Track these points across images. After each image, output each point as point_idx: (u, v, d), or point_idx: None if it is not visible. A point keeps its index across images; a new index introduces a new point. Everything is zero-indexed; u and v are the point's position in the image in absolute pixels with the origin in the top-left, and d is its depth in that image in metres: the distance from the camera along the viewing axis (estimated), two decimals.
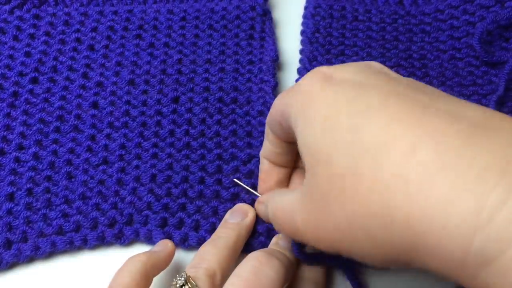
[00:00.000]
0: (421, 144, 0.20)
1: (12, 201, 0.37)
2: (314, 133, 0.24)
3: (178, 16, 0.46)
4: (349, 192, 0.22)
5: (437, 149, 0.20)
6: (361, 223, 0.22)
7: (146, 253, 0.32)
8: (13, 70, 0.42)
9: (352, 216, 0.22)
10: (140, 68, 0.43)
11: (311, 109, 0.25)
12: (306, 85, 0.27)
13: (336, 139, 0.23)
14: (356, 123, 0.23)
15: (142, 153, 0.39)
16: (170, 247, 0.34)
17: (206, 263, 0.30)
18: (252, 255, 0.29)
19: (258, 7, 0.46)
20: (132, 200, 0.37)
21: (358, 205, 0.22)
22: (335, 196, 0.23)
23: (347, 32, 0.45)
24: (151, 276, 0.31)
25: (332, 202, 0.23)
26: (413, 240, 0.20)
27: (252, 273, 0.28)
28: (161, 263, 0.32)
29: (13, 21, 0.45)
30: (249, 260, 0.29)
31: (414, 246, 0.20)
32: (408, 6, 0.47)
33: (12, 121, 0.40)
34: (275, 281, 0.28)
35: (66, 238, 0.35)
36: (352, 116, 0.23)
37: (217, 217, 0.36)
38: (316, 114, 0.25)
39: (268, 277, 0.28)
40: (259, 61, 0.43)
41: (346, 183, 0.22)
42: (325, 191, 0.23)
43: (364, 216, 0.22)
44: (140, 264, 0.30)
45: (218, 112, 0.41)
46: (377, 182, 0.21)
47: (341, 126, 0.23)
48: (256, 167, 0.38)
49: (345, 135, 0.23)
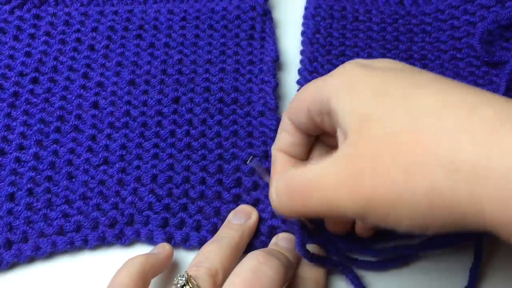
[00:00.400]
0: (480, 106, 0.22)
1: (12, 201, 0.37)
2: (364, 100, 0.25)
3: (178, 16, 0.46)
4: (408, 146, 0.23)
5: (496, 109, 0.22)
6: (423, 172, 0.22)
7: (144, 255, 0.32)
8: (13, 70, 0.42)
9: (411, 167, 0.22)
10: (141, 68, 0.43)
11: (359, 84, 0.26)
12: (349, 69, 0.27)
13: (389, 104, 0.24)
14: (410, 92, 0.24)
15: (142, 154, 0.39)
16: (168, 250, 0.34)
17: (208, 262, 0.30)
18: (252, 254, 0.29)
19: (258, 7, 0.46)
20: (133, 200, 0.37)
21: (420, 156, 0.22)
22: (391, 152, 0.23)
23: (347, 32, 0.45)
24: (149, 277, 0.31)
25: (386, 159, 0.23)
26: (477, 189, 0.21)
27: (252, 272, 0.28)
28: (159, 265, 0.33)
29: (13, 21, 0.45)
30: (249, 260, 0.29)
31: (477, 197, 0.21)
32: (408, 6, 0.46)
33: (12, 121, 0.40)
34: (274, 281, 0.28)
35: (67, 238, 0.35)
36: (405, 87, 0.25)
37: (219, 217, 0.36)
38: (365, 86, 0.26)
39: (268, 277, 0.28)
40: (260, 62, 0.43)
41: (404, 138, 0.23)
42: (377, 149, 0.24)
43: (426, 164, 0.22)
44: (138, 265, 0.31)
45: (218, 112, 0.41)
46: (441, 134, 0.22)
47: (395, 94, 0.24)
48: (257, 166, 0.38)
49: (400, 101, 0.24)
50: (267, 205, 0.36)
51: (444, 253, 0.36)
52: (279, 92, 0.43)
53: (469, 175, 0.21)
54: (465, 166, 0.21)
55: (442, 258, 0.36)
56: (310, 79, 0.42)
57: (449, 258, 0.36)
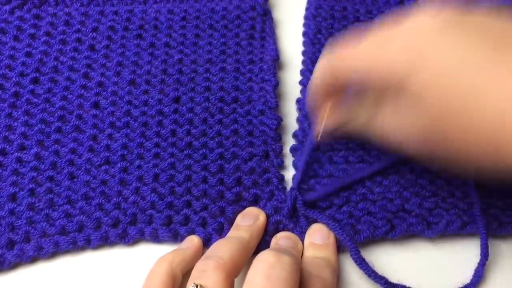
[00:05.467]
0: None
1: (14, 202, 0.37)
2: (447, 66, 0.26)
3: (178, 16, 0.46)
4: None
5: None
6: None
7: (172, 252, 0.33)
8: (14, 70, 0.42)
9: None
10: (141, 68, 0.43)
11: (434, 54, 0.26)
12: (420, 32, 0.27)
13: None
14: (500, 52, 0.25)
15: (144, 153, 0.39)
16: (197, 242, 0.35)
17: (218, 255, 0.30)
18: (261, 257, 0.29)
19: (258, 7, 0.46)
20: (135, 199, 0.37)
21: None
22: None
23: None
24: (178, 273, 0.32)
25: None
26: None
27: (265, 277, 0.27)
28: (188, 260, 0.33)
29: (13, 21, 0.45)
30: (259, 264, 0.29)
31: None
32: (409, 7, 0.47)
33: (13, 122, 0.40)
34: (289, 280, 0.28)
35: (69, 238, 0.35)
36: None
37: (225, 217, 0.36)
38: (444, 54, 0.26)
39: (282, 279, 0.27)
40: (260, 61, 0.44)
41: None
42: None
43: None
44: (165, 263, 0.31)
45: (219, 111, 0.41)
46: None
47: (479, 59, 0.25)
48: (257, 165, 0.38)
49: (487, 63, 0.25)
50: (266, 201, 0.37)
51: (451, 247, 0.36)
52: (280, 91, 0.43)
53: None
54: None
55: (446, 253, 0.36)
56: None
57: (456, 251, 0.36)
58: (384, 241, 0.36)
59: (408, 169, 0.38)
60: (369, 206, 0.36)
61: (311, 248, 0.35)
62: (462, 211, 0.36)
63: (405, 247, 0.36)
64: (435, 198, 0.36)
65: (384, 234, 0.35)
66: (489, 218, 0.36)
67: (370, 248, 0.36)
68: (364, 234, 0.35)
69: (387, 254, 0.36)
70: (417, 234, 0.36)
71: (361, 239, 0.35)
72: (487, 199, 0.36)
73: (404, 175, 0.37)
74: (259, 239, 0.35)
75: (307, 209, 0.36)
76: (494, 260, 0.36)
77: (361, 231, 0.35)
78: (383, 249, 0.36)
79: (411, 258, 0.36)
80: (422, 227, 0.35)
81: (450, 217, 0.36)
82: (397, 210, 0.36)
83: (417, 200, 0.36)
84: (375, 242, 0.36)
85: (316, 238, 0.35)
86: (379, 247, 0.36)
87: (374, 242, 0.36)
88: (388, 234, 0.35)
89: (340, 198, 0.37)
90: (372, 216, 0.36)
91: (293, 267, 0.28)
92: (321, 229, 0.35)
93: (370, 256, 0.36)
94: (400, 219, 0.36)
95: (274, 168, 0.38)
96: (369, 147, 0.39)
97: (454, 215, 0.36)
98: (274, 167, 0.38)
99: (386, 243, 0.36)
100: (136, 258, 0.36)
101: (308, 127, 0.39)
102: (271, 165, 0.39)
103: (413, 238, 0.36)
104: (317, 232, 0.35)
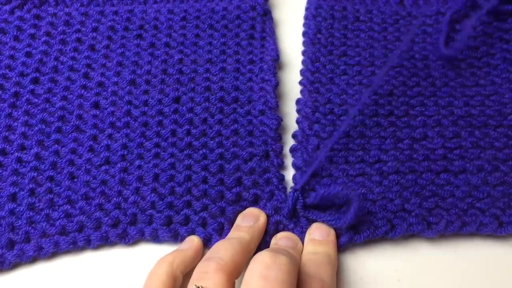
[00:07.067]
0: None
1: (14, 202, 0.37)
2: None
3: (178, 16, 0.46)
4: None
5: None
6: None
7: (172, 253, 0.33)
8: (14, 70, 0.42)
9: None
10: (141, 68, 0.43)
11: None
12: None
13: None
14: None
15: (144, 153, 0.39)
16: (197, 243, 0.35)
17: (218, 255, 0.30)
18: (258, 258, 0.29)
19: (258, 7, 0.46)
20: (135, 199, 0.37)
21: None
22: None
23: (349, 32, 0.45)
24: (179, 274, 0.32)
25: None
26: None
27: (262, 278, 0.27)
28: (188, 260, 0.33)
29: (13, 21, 0.45)
30: (256, 264, 0.29)
31: None
32: (409, 7, 0.47)
33: (13, 122, 0.40)
34: (286, 281, 0.28)
35: (69, 238, 0.36)
36: None
37: (225, 217, 0.36)
38: None
39: (279, 279, 0.27)
40: (260, 61, 0.44)
41: None
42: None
43: None
44: (166, 264, 0.32)
45: (219, 111, 0.41)
46: None
47: None
48: (258, 165, 0.38)
49: None
50: (266, 201, 0.37)
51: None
52: (280, 91, 0.43)
53: None
54: None
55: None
56: (313, 79, 0.42)
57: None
58: (384, 241, 0.36)
59: (408, 169, 0.38)
60: (369, 206, 0.36)
61: (311, 243, 0.35)
62: (462, 211, 0.36)
63: (405, 247, 0.36)
64: (435, 198, 0.37)
65: (384, 234, 0.35)
66: (489, 218, 0.36)
67: (370, 248, 0.36)
68: (364, 234, 0.35)
69: (387, 254, 0.36)
70: (417, 234, 0.36)
71: (361, 239, 0.35)
72: (487, 199, 0.36)
73: (404, 175, 0.38)
74: (260, 239, 0.35)
75: (307, 211, 0.36)
76: (494, 260, 0.36)
77: (361, 231, 0.35)
78: (383, 249, 0.36)
79: (411, 258, 0.36)
80: (422, 227, 0.35)
81: (450, 217, 0.36)
82: (397, 210, 0.36)
83: (417, 200, 0.36)
84: (375, 242, 0.36)
85: (317, 235, 0.35)
86: (379, 247, 0.36)
87: (374, 242, 0.36)
88: (388, 234, 0.35)
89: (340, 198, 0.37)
90: (372, 216, 0.36)
91: (290, 267, 0.29)
92: (321, 226, 0.35)
93: (370, 256, 0.36)
94: (400, 219, 0.36)
95: (274, 168, 0.38)
96: (369, 147, 0.39)
97: (454, 215, 0.36)
98: (274, 167, 0.38)
99: (386, 243, 0.36)
100: (136, 258, 0.36)
101: (310, 129, 0.39)
102: (271, 165, 0.39)
103: (413, 238, 0.37)
104: (317, 230, 0.35)
